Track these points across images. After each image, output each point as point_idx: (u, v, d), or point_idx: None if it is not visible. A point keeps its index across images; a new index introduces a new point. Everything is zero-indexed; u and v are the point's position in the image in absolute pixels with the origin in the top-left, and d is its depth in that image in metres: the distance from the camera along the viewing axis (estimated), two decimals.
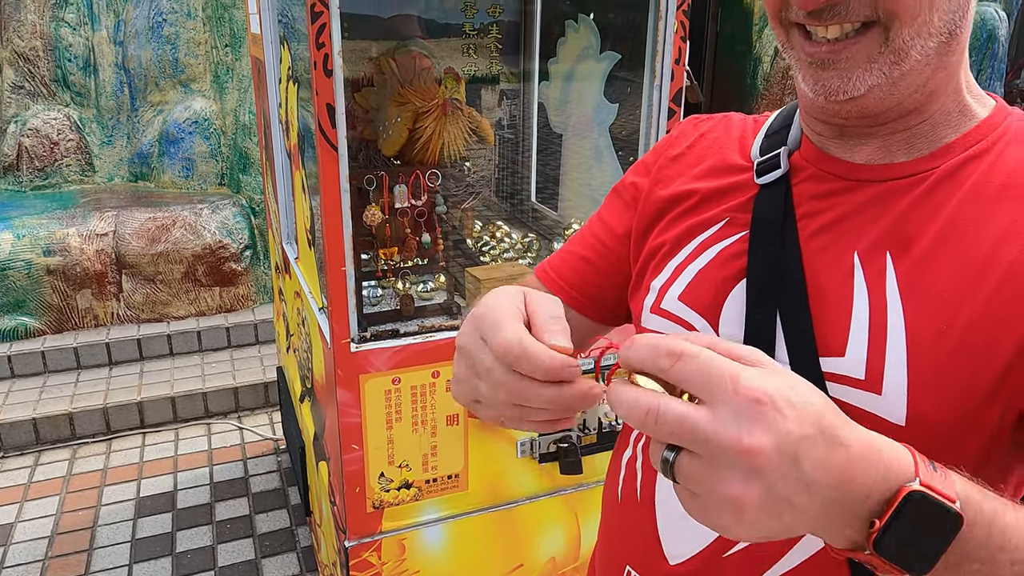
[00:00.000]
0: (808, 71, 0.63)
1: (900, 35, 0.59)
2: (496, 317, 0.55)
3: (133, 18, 4.27)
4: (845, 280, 0.65)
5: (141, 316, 3.86)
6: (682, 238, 0.77)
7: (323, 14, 1.45)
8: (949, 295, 0.60)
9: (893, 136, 0.66)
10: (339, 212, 1.59)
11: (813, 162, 0.71)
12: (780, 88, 5.28)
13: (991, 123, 0.65)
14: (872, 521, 0.46)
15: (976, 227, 0.61)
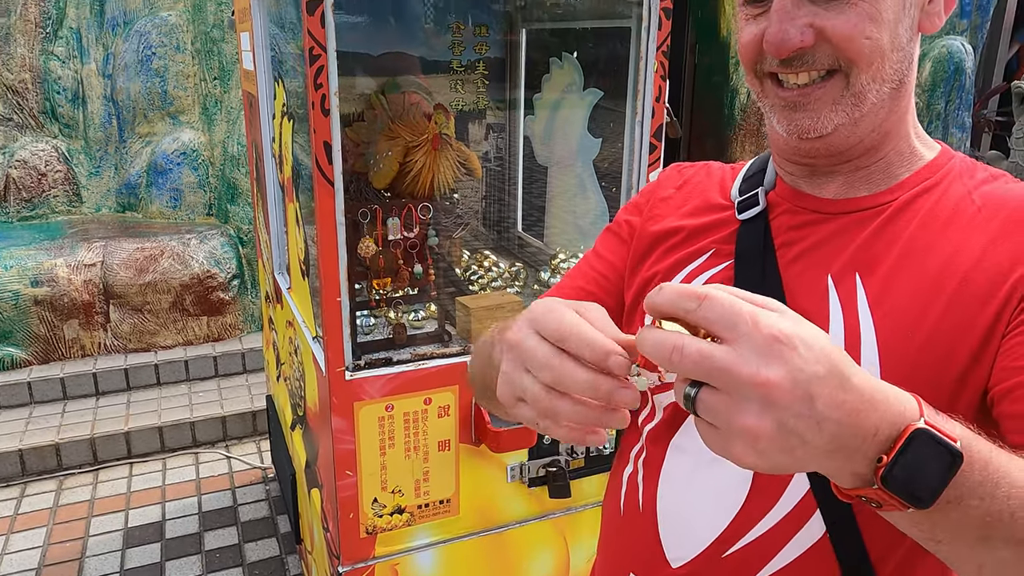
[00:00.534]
0: (782, 114, 0.74)
1: (859, 81, 0.70)
2: (552, 307, 0.59)
3: (122, 51, 4.33)
4: (822, 298, 0.75)
5: (128, 346, 3.87)
6: (673, 268, 0.85)
7: (321, 56, 1.52)
8: (910, 309, 0.70)
9: (855, 173, 0.77)
10: (335, 244, 1.65)
11: (787, 199, 0.82)
12: (756, 119, 5.42)
13: (937, 163, 0.77)
14: (880, 456, 0.49)
15: (929, 252, 0.71)
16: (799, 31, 0.68)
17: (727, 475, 0.76)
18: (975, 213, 0.72)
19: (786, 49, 0.69)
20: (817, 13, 0.68)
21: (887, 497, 0.50)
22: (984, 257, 0.69)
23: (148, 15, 4.31)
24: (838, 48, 0.69)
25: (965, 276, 0.69)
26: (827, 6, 0.68)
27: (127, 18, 4.35)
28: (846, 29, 0.68)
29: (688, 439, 0.81)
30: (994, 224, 0.70)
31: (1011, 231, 0.69)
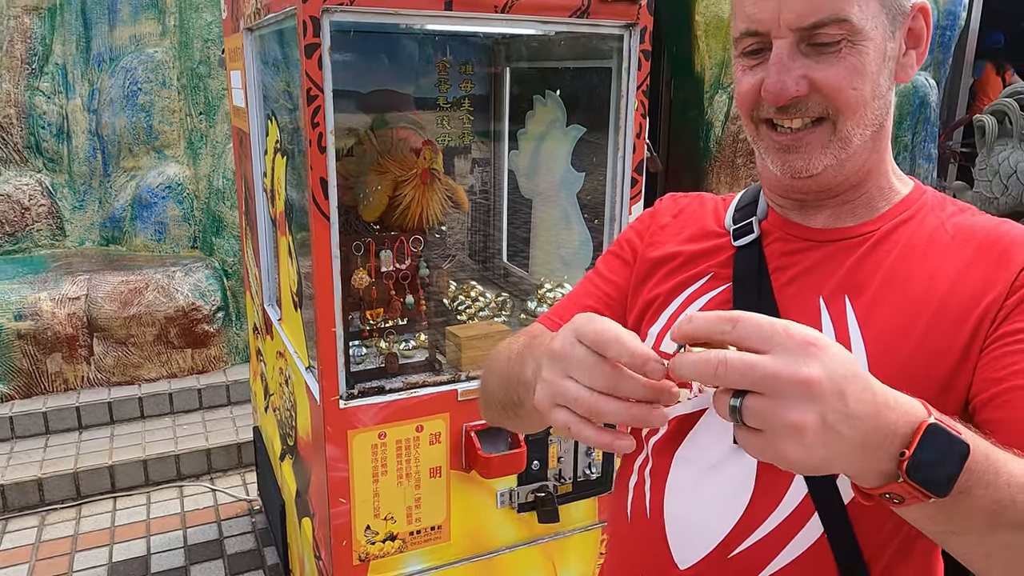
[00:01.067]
0: (776, 156, 0.82)
1: (845, 127, 0.79)
2: (593, 317, 0.65)
3: (108, 87, 4.38)
4: (814, 318, 0.82)
5: (112, 379, 3.86)
6: (674, 290, 0.93)
7: (318, 97, 1.59)
8: (895, 328, 0.78)
9: (842, 206, 0.86)
10: (330, 276, 1.70)
11: (779, 227, 0.90)
12: (731, 151, 5.57)
13: (912, 197, 0.87)
14: (902, 451, 0.56)
15: (910, 277, 0.80)
16: (795, 82, 0.76)
17: (731, 481, 0.83)
18: (948, 241, 0.81)
19: (784, 98, 0.77)
20: (810, 66, 0.76)
21: (911, 489, 0.56)
22: (958, 282, 0.77)
23: (134, 51, 4.37)
24: (828, 97, 0.77)
25: (942, 300, 0.77)
26: (819, 59, 0.76)
27: (113, 54, 4.41)
28: (836, 81, 0.76)
29: (692, 450, 0.87)
30: (966, 252, 0.79)
31: (981, 258, 0.78)
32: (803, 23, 0.75)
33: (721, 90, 5.54)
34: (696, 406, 0.86)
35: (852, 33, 0.75)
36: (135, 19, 4.37)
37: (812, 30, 0.75)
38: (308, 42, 1.54)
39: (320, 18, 1.54)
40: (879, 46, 0.77)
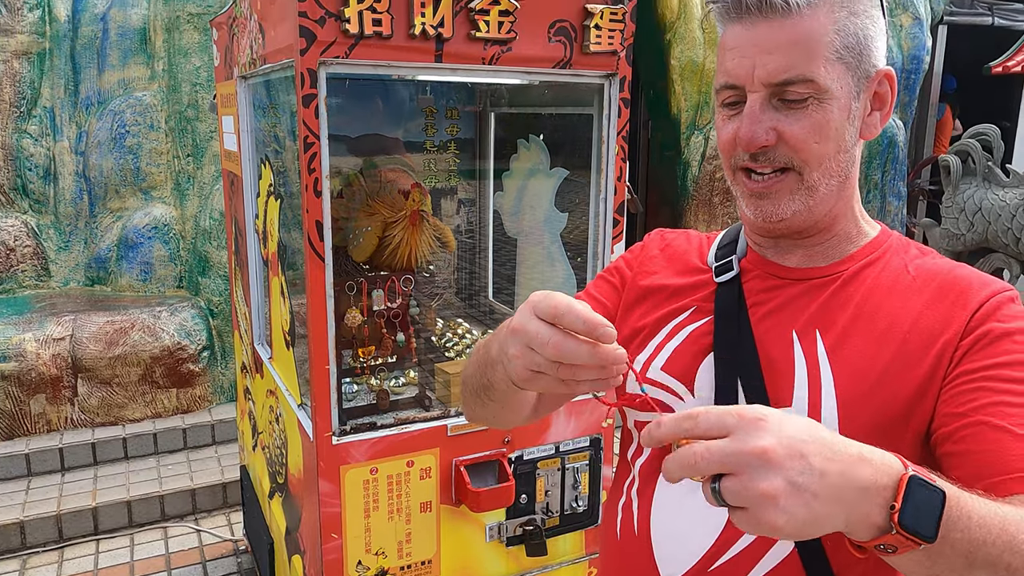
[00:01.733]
0: (750, 201, 0.91)
1: (811, 177, 0.87)
2: (548, 293, 0.74)
3: (96, 129, 4.44)
4: (787, 351, 0.89)
5: (96, 420, 3.85)
6: (660, 322, 1.01)
7: (314, 144, 1.66)
8: (861, 360, 0.85)
9: (813, 248, 0.94)
10: (324, 315, 1.76)
11: (757, 266, 0.98)
12: (708, 189, 5.72)
13: (879, 240, 0.95)
14: (891, 505, 0.60)
15: (875, 314, 0.87)
16: (764, 132, 0.85)
17: None
18: (911, 282, 0.88)
19: (754, 145, 0.85)
20: (779, 119, 0.85)
21: (903, 539, 0.61)
22: (919, 320, 0.85)
23: (123, 95, 4.44)
24: (793, 149, 0.85)
25: (905, 336, 0.84)
26: (787, 114, 0.84)
27: (101, 98, 4.48)
28: (801, 135, 0.84)
29: None
30: (926, 292, 0.87)
31: (939, 299, 0.86)
32: (774, 79, 0.83)
33: (697, 131, 5.70)
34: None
35: (818, 92, 0.83)
36: (124, 64, 4.45)
37: (782, 87, 0.83)
38: (306, 93, 1.62)
39: (317, 70, 1.62)
40: (844, 105, 0.85)
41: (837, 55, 0.83)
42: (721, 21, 0.89)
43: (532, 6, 1.79)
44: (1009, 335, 0.81)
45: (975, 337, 0.82)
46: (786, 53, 0.82)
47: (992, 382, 0.79)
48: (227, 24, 2.48)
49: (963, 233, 4.84)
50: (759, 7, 0.83)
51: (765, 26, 0.83)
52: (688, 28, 5.42)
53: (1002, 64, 5.88)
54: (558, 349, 0.70)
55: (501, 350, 0.80)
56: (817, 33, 0.83)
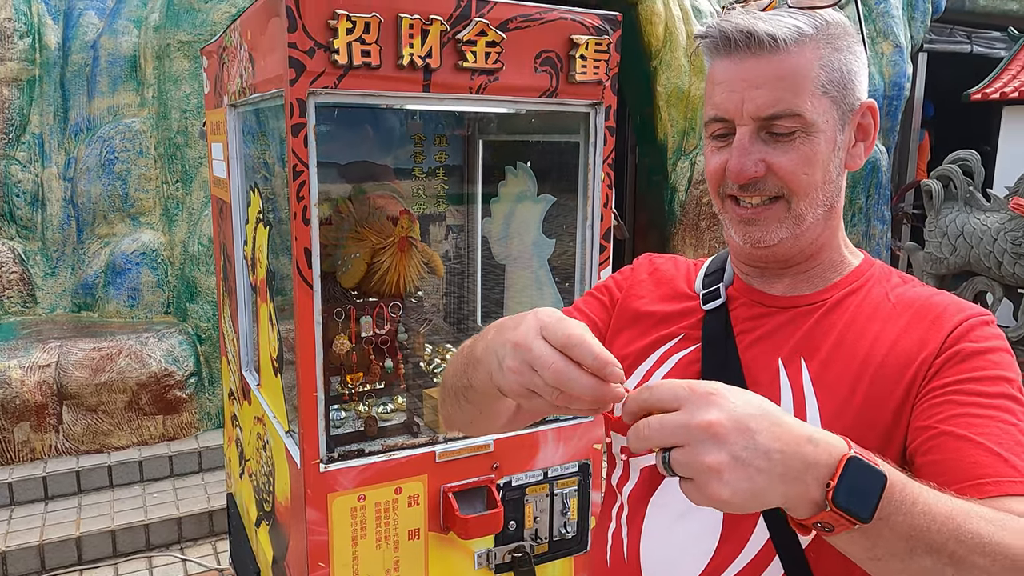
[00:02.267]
0: (739, 227, 0.93)
1: (799, 205, 0.90)
2: (562, 317, 0.74)
3: (84, 156, 4.45)
4: (773, 378, 0.91)
5: (80, 447, 3.81)
6: (648, 348, 1.03)
7: (303, 172, 1.68)
8: (844, 386, 0.87)
9: (798, 276, 0.96)
10: (312, 342, 1.76)
11: (744, 294, 1.00)
12: (695, 214, 5.78)
13: (861, 269, 0.97)
14: (827, 483, 0.62)
15: (857, 342, 0.89)
16: (754, 164, 0.87)
17: (700, 527, 0.91)
18: (891, 309, 0.91)
19: (744, 177, 0.88)
20: (768, 152, 0.87)
21: (838, 517, 0.63)
22: (897, 344, 0.87)
23: (112, 122, 4.46)
24: (782, 180, 0.88)
25: (883, 360, 0.86)
26: (775, 146, 0.87)
27: (91, 124, 4.49)
28: (790, 166, 0.87)
29: (665, 497, 0.95)
30: (904, 318, 0.89)
31: (916, 323, 0.88)
32: (762, 113, 0.86)
33: (683, 156, 5.77)
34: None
35: (805, 126, 0.86)
36: (114, 91, 4.47)
37: (770, 120, 0.86)
38: (295, 122, 1.64)
39: (306, 100, 1.64)
40: (830, 137, 0.88)
41: (823, 89, 0.86)
42: (709, 55, 0.91)
43: (519, 37, 1.82)
44: (980, 353, 0.84)
45: (948, 356, 0.84)
46: (774, 88, 0.85)
47: (959, 395, 0.81)
48: (217, 53, 2.51)
49: (946, 256, 4.89)
50: (747, 43, 0.86)
51: (753, 61, 0.86)
52: (674, 56, 5.51)
53: (981, 91, 6.00)
54: (561, 378, 0.70)
55: (491, 354, 0.79)
56: (804, 69, 0.85)
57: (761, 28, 0.85)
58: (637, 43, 5.42)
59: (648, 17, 5.34)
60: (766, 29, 0.85)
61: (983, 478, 0.75)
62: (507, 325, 0.79)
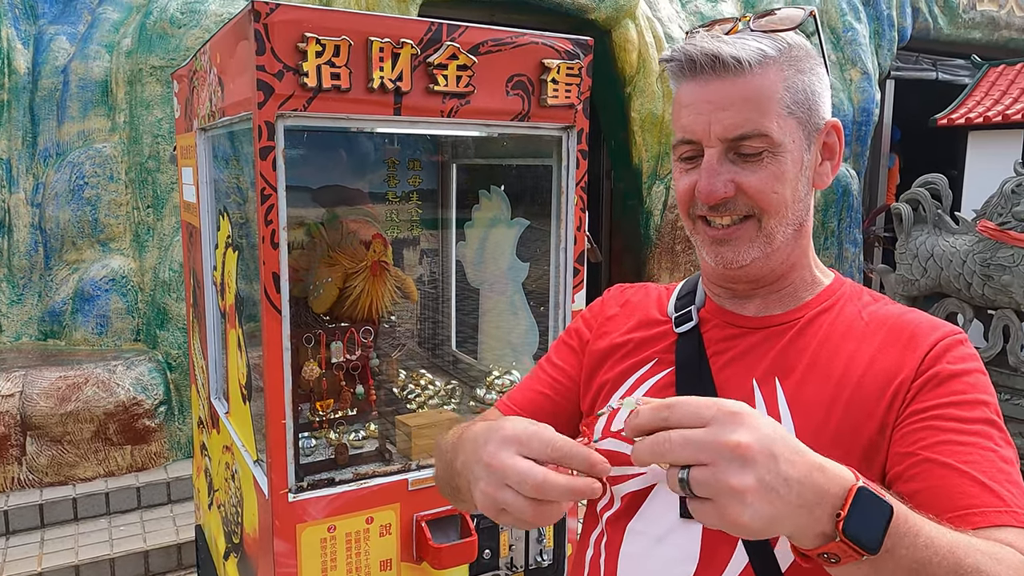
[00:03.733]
0: (710, 248, 0.92)
1: (769, 224, 0.89)
2: (535, 430, 0.73)
3: (53, 181, 4.38)
4: (748, 397, 0.89)
5: (44, 479, 3.70)
6: (622, 375, 1.02)
7: (271, 196, 1.66)
8: (819, 407, 0.86)
9: (769, 296, 0.96)
10: (280, 368, 1.73)
11: (716, 315, 0.99)
12: (671, 237, 5.82)
13: (832, 288, 0.97)
14: (837, 513, 0.62)
15: (832, 361, 0.89)
16: (723, 184, 0.87)
17: (678, 552, 0.89)
18: (864, 328, 0.90)
19: (714, 198, 0.87)
20: (736, 172, 0.87)
21: (846, 548, 0.62)
22: (872, 364, 0.87)
23: (82, 146, 4.40)
24: (752, 199, 0.87)
25: (859, 380, 0.86)
26: (743, 166, 0.87)
27: (60, 149, 4.43)
28: (759, 185, 0.87)
29: (643, 523, 0.93)
30: (878, 337, 0.89)
31: (891, 343, 0.88)
32: (730, 135, 0.86)
33: (658, 180, 5.82)
34: (646, 482, 0.92)
35: (772, 146, 0.86)
36: (84, 115, 4.42)
37: (738, 141, 0.86)
38: (263, 145, 1.62)
39: (275, 123, 1.63)
40: (797, 157, 0.88)
41: (788, 110, 0.87)
42: (675, 78, 0.91)
43: (490, 61, 1.83)
44: (957, 376, 0.83)
45: (925, 379, 0.84)
46: (740, 109, 0.85)
47: (940, 421, 0.80)
48: (188, 77, 2.49)
49: (917, 279, 4.96)
50: (712, 66, 0.86)
51: (718, 83, 0.86)
52: (647, 82, 5.57)
53: (947, 117, 6.13)
54: (541, 491, 0.69)
55: (467, 470, 0.79)
56: (768, 90, 0.86)
57: (726, 51, 0.85)
58: (611, 69, 5.48)
59: (622, 44, 5.41)
60: (731, 52, 0.85)
61: (970, 508, 0.74)
62: (479, 440, 0.77)
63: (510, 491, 0.70)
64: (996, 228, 4.56)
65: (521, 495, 0.70)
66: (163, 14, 4.34)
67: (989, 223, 4.60)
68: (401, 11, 4.54)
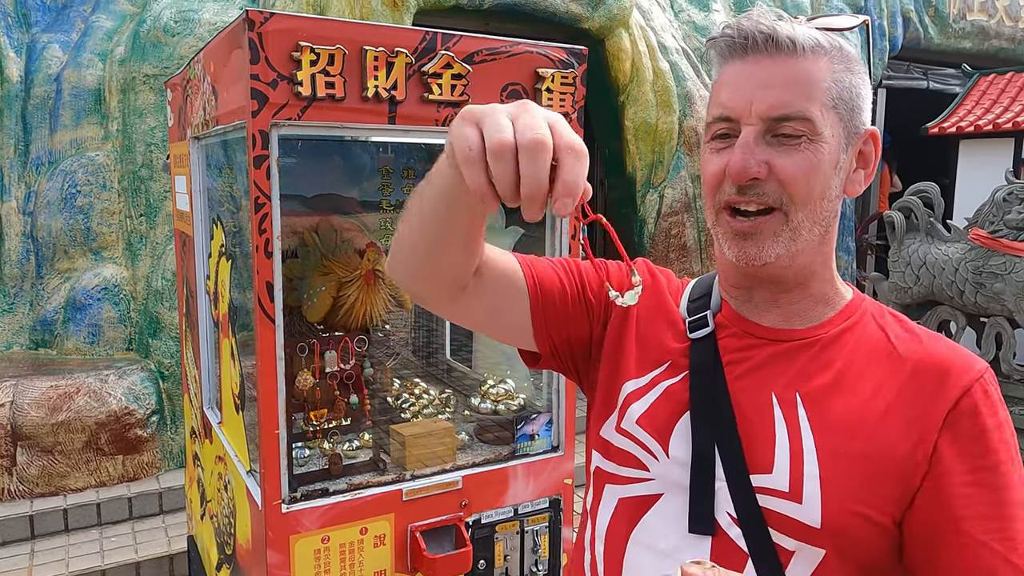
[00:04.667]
0: (732, 242, 0.88)
1: (796, 217, 0.85)
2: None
3: (45, 189, 4.36)
4: (766, 414, 0.87)
5: (35, 490, 3.66)
6: (641, 368, 0.98)
7: (265, 205, 1.65)
8: (842, 431, 0.84)
9: (791, 307, 0.92)
10: (274, 378, 1.72)
11: (733, 323, 0.95)
12: (664, 246, 5.82)
13: (854, 305, 0.93)
14: None
15: (857, 385, 0.86)
16: (756, 163, 0.83)
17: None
18: (890, 354, 0.87)
19: (745, 176, 0.83)
20: (772, 154, 0.83)
21: None
22: (899, 397, 0.83)
23: (75, 155, 4.38)
24: (783, 184, 0.83)
25: (885, 411, 0.83)
26: (779, 149, 0.83)
27: (52, 158, 4.41)
28: (793, 170, 0.83)
29: (647, 535, 0.91)
30: (906, 369, 0.85)
31: (918, 377, 0.84)
32: (772, 113, 0.83)
33: (652, 189, 5.83)
34: (650, 489, 0.92)
35: (812, 133, 0.83)
36: (77, 124, 4.41)
37: (779, 121, 0.83)
38: (257, 154, 1.62)
39: (269, 132, 1.62)
40: (833, 153, 0.85)
41: (832, 103, 0.84)
42: (721, 58, 0.89)
43: (485, 70, 1.83)
44: (988, 432, 0.81)
45: (957, 435, 0.81)
46: (785, 89, 0.83)
47: (972, 487, 0.79)
48: (181, 85, 2.48)
49: (910, 287, 4.98)
50: (766, 44, 0.84)
51: (768, 62, 0.84)
52: (641, 91, 5.59)
53: (938, 125, 6.17)
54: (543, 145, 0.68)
55: (456, 138, 0.74)
56: (816, 76, 0.84)
57: (783, 31, 0.84)
58: (605, 78, 5.50)
59: (615, 53, 5.42)
60: (787, 32, 0.84)
61: None
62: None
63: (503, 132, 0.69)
64: (988, 236, 4.58)
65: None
66: (156, 22, 4.34)
67: (981, 231, 4.62)
68: (395, 20, 4.55)
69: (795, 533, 0.82)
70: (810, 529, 0.81)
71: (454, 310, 1.02)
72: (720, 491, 0.87)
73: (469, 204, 0.82)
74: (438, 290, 0.99)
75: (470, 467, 2.01)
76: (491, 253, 0.99)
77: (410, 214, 0.93)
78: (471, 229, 0.90)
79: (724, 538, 0.86)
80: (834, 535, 0.81)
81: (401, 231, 0.96)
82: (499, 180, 0.68)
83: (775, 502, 0.83)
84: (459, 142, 0.71)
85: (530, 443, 2.11)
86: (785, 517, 0.82)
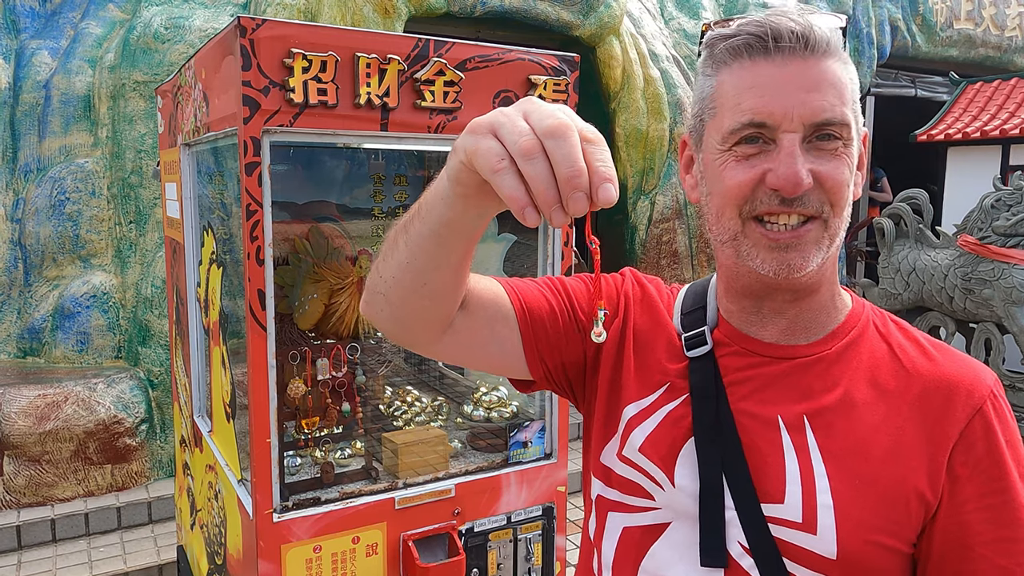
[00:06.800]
0: (770, 253, 0.80)
1: (834, 224, 0.81)
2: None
3: (34, 196, 4.33)
4: (774, 440, 0.83)
5: (22, 500, 3.63)
6: (640, 390, 0.93)
7: (257, 212, 1.64)
8: (853, 455, 0.81)
9: (797, 318, 0.87)
10: (265, 386, 1.71)
11: (732, 340, 0.90)
12: (656, 252, 5.84)
13: (856, 313, 0.89)
14: None
15: (864, 406, 0.83)
16: (806, 173, 0.77)
17: None
18: (898, 370, 0.84)
19: (801, 188, 0.77)
20: (812, 161, 0.78)
21: None
22: (907, 424, 0.81)
23: (64, 162, 4.36)
24: (828, 192, 0.79)
25: (899, 430, 0.80)
26: (817, 155, 0.78)
27: (41, 164, 4.38)
28: (836, 176, 0.79)
29: (656, 564, 0.88)
30: (913, 389, 0.83)
31: (929, 396, 0.82)
32: (817, 118, 0.77)
33: (643, 196, 5.85)
34: (657, 519, 0.88)
35: (846, 139, 0.79)
36: (66, 131, 4.38)
37: (823, 127, 0.78)
38: (249, 161, 1.61)
39: (260, 139, 1.62)
40: (853, 156, 0.81)
41: (852, 105, 0.81)
42: (733, 57, 0.82)
43: (477, 77, 1.83)
44: (1002, 451, 0.80)
45: (971, 456, 0.80)
46: (826, 93, 0.78)
47: (990, 511, 0.78)
48: (172, 92, 2.47)
49: (900, 292, 5.00)
50: (799, 43, 0.78)
51: (800, 63, 0.78)
52: (632, 98, 5.61)
53: (926, 133, 6.22)
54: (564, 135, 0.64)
55: (458, 150, 0.71)
56: (843, 78, 0.80)
57: (820, 31, 0.79)
58: (596, 86, 5.51)
59: (606, 60, 5.44)
60: (821, 33, 0.79)
61: None
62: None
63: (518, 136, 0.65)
64: (977, 242, 4.61)
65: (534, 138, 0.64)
66: (147, 29, 4.32)
67: (970, 238, 4.65)
68: (386, 27, 4.55)
69: (810, 564, 0.80)
70: (826, 560, 0.79)
71: (439, 348, 0.96)
72: (731, 521, 0.84)
73: (467, 230, 0.79)
74: (424, 327, 0.92)
75: (463, 475, 2.01)
76: (475, 284, 0.94)
77: (393, 252, 0.86)
78: (464, 258, 0.86)
79: (737, 569, 0.83)
80: (850, 565, 0.79)
81: (381, 272, 0.89)
82: (536, 180, 0.63)
83: (789, 533, 0.80)
84: (484, 156, 0.66)
85: (523, 450, 2.10)
86: (799, 548, 0.80)
